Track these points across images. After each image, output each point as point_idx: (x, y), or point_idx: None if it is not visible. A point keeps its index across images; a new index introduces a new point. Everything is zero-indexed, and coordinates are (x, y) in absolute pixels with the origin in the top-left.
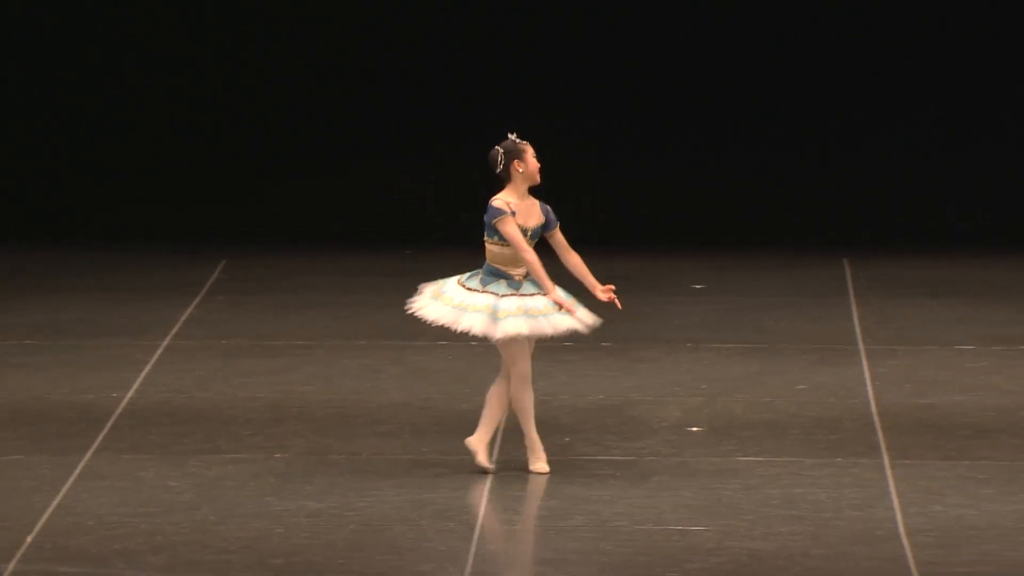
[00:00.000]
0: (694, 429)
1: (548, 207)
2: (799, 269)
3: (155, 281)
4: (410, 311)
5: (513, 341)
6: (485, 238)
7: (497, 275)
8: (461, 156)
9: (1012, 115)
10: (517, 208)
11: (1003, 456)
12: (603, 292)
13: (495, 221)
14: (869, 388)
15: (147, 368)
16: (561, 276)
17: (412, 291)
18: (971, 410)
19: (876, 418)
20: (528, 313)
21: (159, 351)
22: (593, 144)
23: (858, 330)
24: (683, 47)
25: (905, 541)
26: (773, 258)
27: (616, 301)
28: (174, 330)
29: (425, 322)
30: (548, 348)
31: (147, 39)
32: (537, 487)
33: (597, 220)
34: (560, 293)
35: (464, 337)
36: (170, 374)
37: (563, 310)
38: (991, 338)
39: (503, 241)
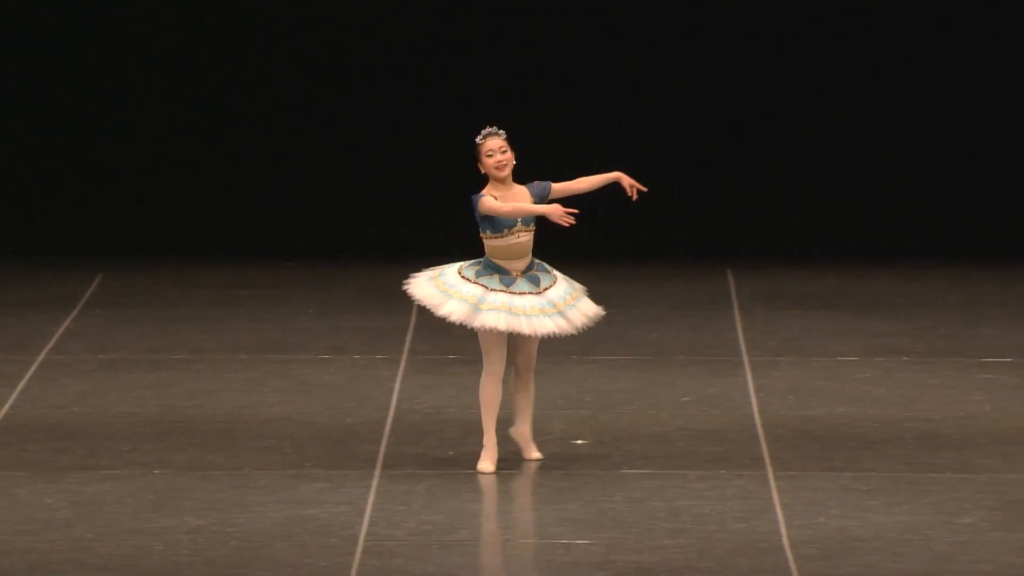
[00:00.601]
0: (579, 442)
1: (535, 183)
2: (684, 281)
3: (29, 295)
4: (404, 285)
5: (489, 333)
6: (480, 233)
7: (493, 269)
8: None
9: (869, 122)
10: (500, 199)
11: (887, 467)
12: (626, 182)
13: (477, 206)
14: (753, 400)
15: (22, 383)
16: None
17: (295, 304)
18: (855, 421)
19: (760, 430)
20: (511, 311)
21: (35, 366)
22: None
23: (742, 342)
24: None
25: (789, 553)
26: (659, 270)
27: (636, 187)
28: (50, 344)
29: (411, 299)
30: (436, 361)
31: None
32: (421, 501)
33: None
34: (557, 208)
35: (347, 350)
36: (47, 389)
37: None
38: (874, 349)
39: (495, 232)
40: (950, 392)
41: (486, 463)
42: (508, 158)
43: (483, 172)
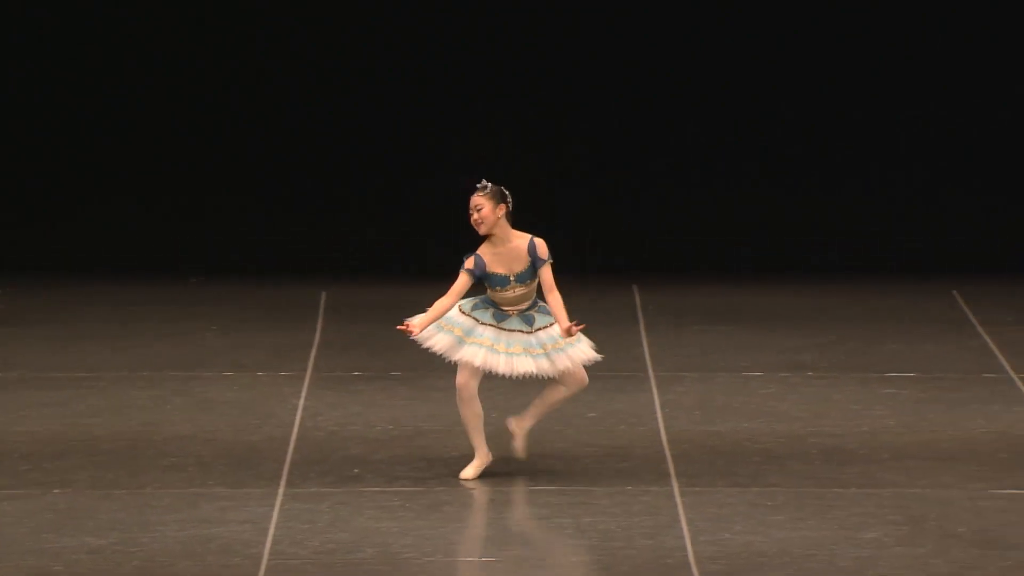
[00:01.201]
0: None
1: (537, 244)
2: (589, 296)
3: None
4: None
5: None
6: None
7: (488, 304)
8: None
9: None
10: (491, 258)
11: (792, 483)
12: (566, 330)
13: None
14: (659, 416)
15: None
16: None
17: (198, 322)
18: (760, 437)
19: (666, 446)
20: (493, 347)
21: None
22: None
23: (648, 357)
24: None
25: (695, 569)
26: (564, 285)
27: (574, 329)
28: None
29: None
30: (341, 379)
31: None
32: (325, 520)
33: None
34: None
35: (251, 367)
36: None
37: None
38: (779, 364)
39: (491, 287)
40: (854, 407)
41: (469, 469)
42: (483, 216)
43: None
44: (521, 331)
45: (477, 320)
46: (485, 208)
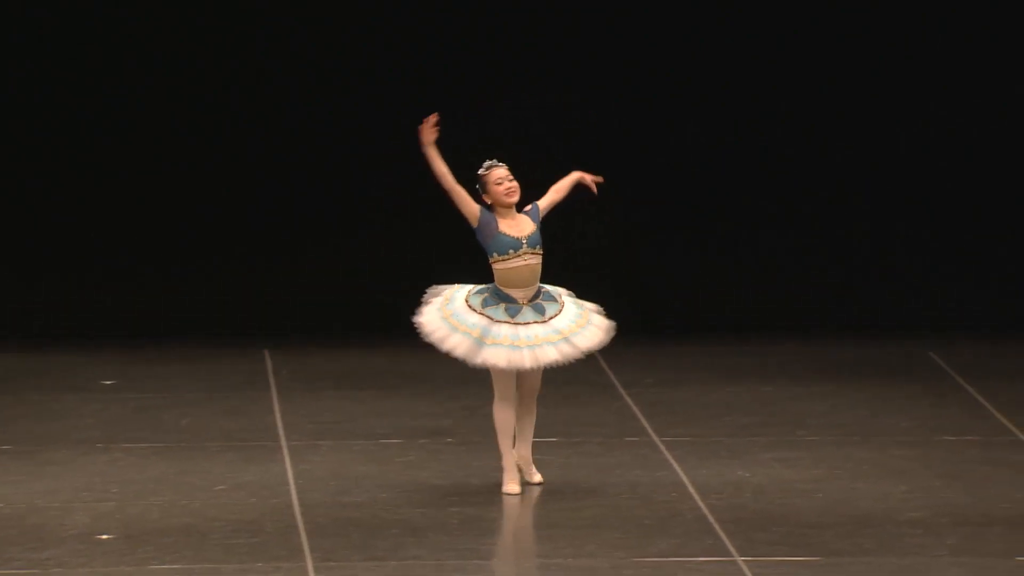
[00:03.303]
0: (104, 536)
1: (531, 206)
2: (219, 361)
3: None
4: (415, 319)
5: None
6: (488, 258)
7: (500, 297)
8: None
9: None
10: (502, 222)
11: (432, 555)
12: (587, 179)
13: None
14: (292, 487)
15: None
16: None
17: None
18: (399, 507)
19: (299, 519)
20: (514, 345)
21: None
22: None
23: (280, 425)
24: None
25: None
26: (193, 350)
27: (595, 180)
28: None
29: (419, 330)
30: None
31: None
32: None
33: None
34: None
35: None
36: None
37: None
38: (418, 431)
39: (502, 254)
40: (494, 474)
41: (511, 485)
42: (516, 185)
43: (489, 203)
44: (536, 322)
45: (491, 318)
46: (514, 183)
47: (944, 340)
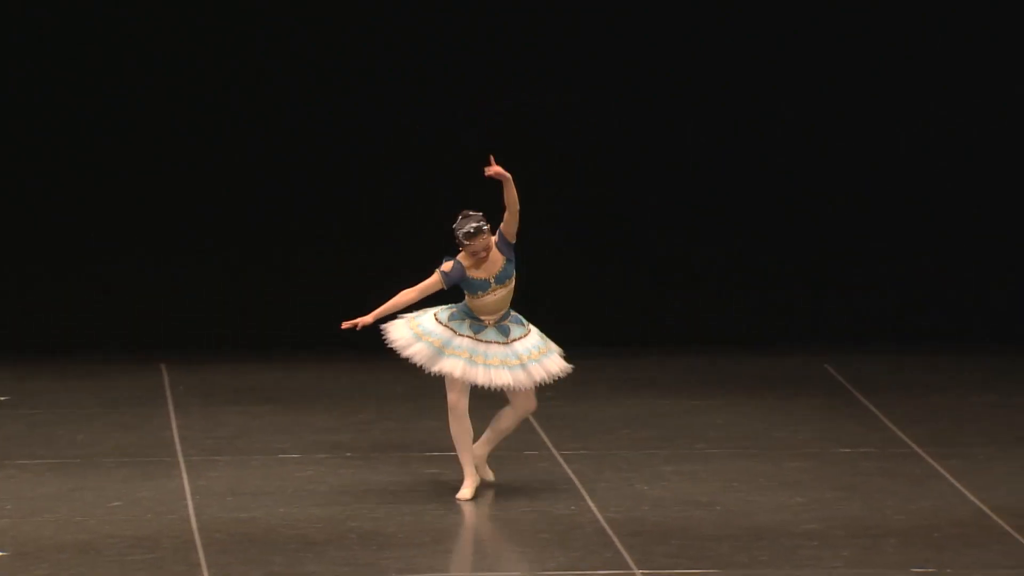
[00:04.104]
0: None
1: (497, 235)
2: (114, 376)
3: None
4: (383, 329)
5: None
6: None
7: (466, 315)
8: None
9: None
10: (472, 265)
11: (330, 570)
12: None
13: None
14: (189, 502)
15: None
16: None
17: None
18: (296, 522)
19: (197, 535)
20: (471, 359)
21: None
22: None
23: (177, 441)
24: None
25: None
26: (88, 365)
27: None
28: None
29: (384, 341)
30: None
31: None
32: None
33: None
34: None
35: None
36: None
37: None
38: (316, 445)
39: (472, 294)
40: (392, 489)
41: (464, 491)
42: (490, 250)
43: (460, 249)
44: (497, 343)
45: (454, 331)
46: (490, 241)
47: (840, 353)
